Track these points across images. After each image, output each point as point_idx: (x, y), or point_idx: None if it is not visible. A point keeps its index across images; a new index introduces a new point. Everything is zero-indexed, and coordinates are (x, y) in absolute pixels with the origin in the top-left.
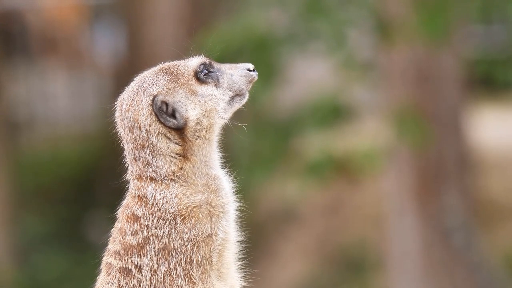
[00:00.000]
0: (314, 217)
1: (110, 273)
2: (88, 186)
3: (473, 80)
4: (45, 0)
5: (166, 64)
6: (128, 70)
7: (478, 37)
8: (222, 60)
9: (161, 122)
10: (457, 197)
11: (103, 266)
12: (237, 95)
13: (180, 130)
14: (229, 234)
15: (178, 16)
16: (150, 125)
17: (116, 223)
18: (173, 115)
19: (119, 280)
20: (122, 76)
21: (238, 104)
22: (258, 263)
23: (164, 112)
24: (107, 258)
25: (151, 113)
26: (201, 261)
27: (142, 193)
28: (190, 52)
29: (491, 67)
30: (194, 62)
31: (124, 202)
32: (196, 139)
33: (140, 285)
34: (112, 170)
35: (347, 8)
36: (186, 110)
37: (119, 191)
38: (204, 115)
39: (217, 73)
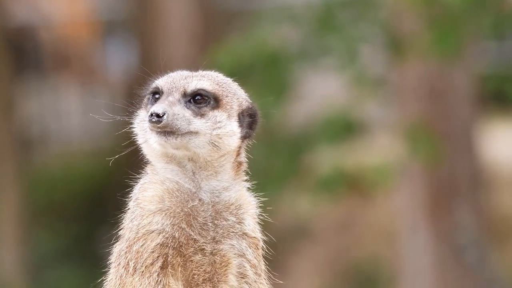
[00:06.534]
0: (327, 233)
1: None
2: (100, 202)
3: (486, 96)
4: (57, 16)
5: (174, 73)
6: (140, 86)
7: (490, 53)
8: (233, 76)
9: None
10: (470, 214)
11: None
12: (153, 131)
13: None
14: (197, 241)
15: (191, 32)
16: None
17: None
18: None
19: None
20: (135, 92)
21: (157, 139)
22: (271, 279)
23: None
24: None
25: None
26: (141, 253)
27: None
28: (202, 68)
29: (504, 83)
30: (152, 84)
31: None
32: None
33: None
34: (124, 186)
35: (360, 25)
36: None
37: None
38: (137, 135)
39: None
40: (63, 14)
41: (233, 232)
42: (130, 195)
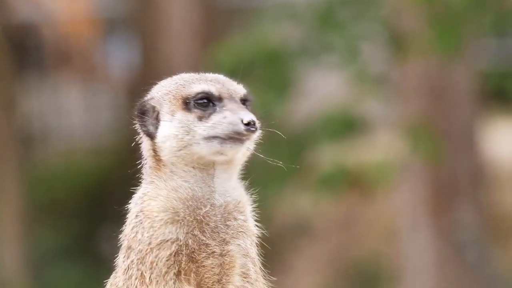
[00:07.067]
0: (328, 231)
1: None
2: (101, 200)
3: (487, 93)
4: (59, 14)
5: (186, 76)
6: (142, 84)
7: (491, 51)
8: (233, 73)
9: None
10: (471, 212)
11: None
12: (219, 138)
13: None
14: (209, 245)
15: (192, 30)
16: (136, 123)
17: None
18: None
19: (113, 276)
20: (136, 90)
21: (219, 147)
22: (272, 277)
23: (148, 117)
24: None
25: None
26: (156, 263)
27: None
28: (203, 65)
29: (505, 80)
30: (195, 88)
31: None
32: (163, 156)
33: (116, 283)
34: (125, 184)
35: (361, 22)
36: (160, 126)
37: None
38: (169, 137)
39: (217, 108)
40: (64, 11)
41: (241, 231)
42: (132, 205)
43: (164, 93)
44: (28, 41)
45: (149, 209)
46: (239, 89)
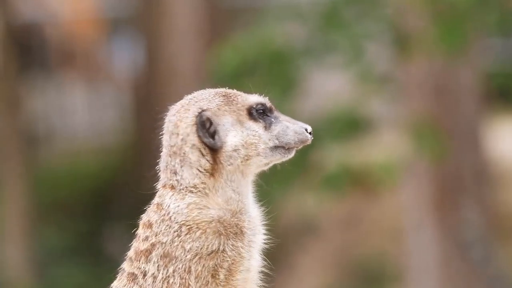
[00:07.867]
0: (332, 230)
1: (120, 278)
2: (106, 199)
3: (491, 93)
4: (63, 13)
5: (228, 90)
6: (146, 84)
7: (496, 50)
8: (239, 73)
9: (199, 136)
10: (476, 211)
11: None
12: (282, 147)
13: (214, 151)
14: (244, 258)
15: (196, 29)
16: (188, 135)
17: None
18: (213, 135)
19: (125, 285)
20: (141, 90)
21: (280, 156)
22: (276, 276)
23: (205, 128)
24: (123, 264)
25: (193, 124)
26: (202, 273)
27: (161, 201)
28: (207, 65)
29: (509, 80)
30: (254, 98)
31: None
32: (229, 165)
33: None
34: (130, 184)
35: (365, 22)
36: (227, 135)
37: (137, 204)
38: (244, 145)
39: (272, 119)
40: (69, 11)
41: (260, 245)
42: (171, 215)
43: (218, 103)
44: (32, 41)
45: (200, 219)
46: None
